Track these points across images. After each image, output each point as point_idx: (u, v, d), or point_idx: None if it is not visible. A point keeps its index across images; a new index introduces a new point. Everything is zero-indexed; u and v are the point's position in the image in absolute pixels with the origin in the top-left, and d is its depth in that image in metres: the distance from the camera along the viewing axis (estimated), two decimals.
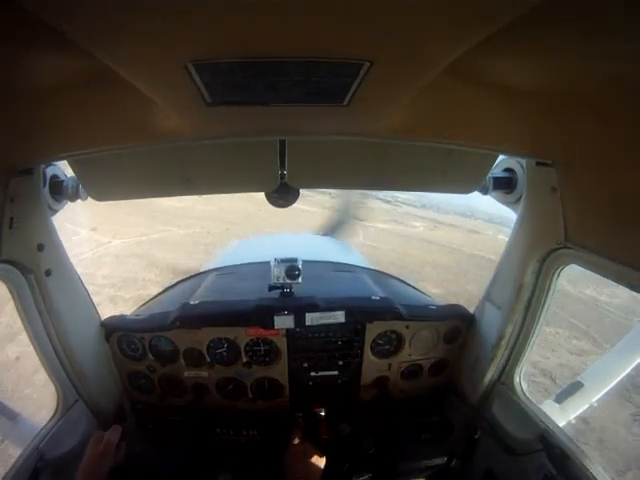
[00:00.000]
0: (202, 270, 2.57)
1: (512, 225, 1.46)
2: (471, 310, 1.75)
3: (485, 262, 7.92)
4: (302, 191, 1.48)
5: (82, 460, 1.23)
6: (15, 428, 1.55)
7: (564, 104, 0.86)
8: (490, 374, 1.58)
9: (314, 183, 1.62)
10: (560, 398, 1.71)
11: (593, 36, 0.58)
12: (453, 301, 1.95)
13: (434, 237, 11.01)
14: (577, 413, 1.70)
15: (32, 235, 1.22)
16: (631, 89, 0.72)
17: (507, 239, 1.51)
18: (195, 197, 12.42)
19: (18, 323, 1.29)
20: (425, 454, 1.74)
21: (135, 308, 2.16)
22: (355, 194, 14.40)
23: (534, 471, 1.33)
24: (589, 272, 1.13)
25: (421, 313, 1.71)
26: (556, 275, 1.33)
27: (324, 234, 9.74)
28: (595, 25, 0.54)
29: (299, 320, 1.60)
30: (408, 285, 2.45)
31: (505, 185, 1.46)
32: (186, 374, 1.69)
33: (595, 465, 1.20)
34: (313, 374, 1.74)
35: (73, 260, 1.47)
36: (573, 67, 0.70)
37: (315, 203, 14.37)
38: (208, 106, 0.75)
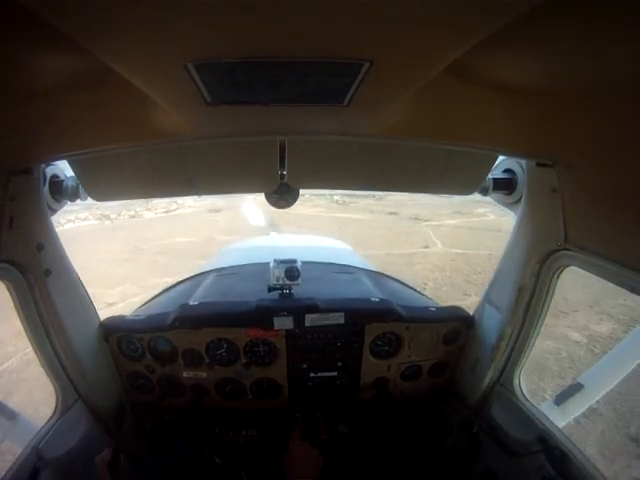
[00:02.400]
0: (202, 271, 2.57)
1: None
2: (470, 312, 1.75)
3: None
4: (346, 198, 1.47)
5: (83, 460, 1.24)
6: (14, 427, 1.54)
7: (564, 104, 0.86)
8: (489, 375, 1.58)
9: (314, 183, 1.63)
10: (559, 399, 1.70)
11: (593, 36, 0.58)
12: None
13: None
14: (576, 414, 1.70)
15: (32, 235, 1.22)
16: (631, 90, 0.72)
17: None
18: (216, 227, 11.70)
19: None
20: (425, 455, 1.74)
21: (135, 308, 2.16)
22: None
23: (533, 472, 1.33)
24: None
25: (420, 315, 1.71)
26: (556, 277, 1.33)
27: (387, 250, 8.57)
28: (595, 25, 0.55)
29: (298, 321, 1.60)
30: (408, 287, 2.44)
31: (505, 186, 1.45)
32: (185, 374, 1.69)
33: (594, 466, 1.20)
34: (312, 375, 1.74)
35: None
36: (573, 67, 0.70)
37: (361, 209, 13.36)
38: (208, 106, 0.75)
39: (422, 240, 9.84)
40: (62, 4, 0.43)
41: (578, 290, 6.01)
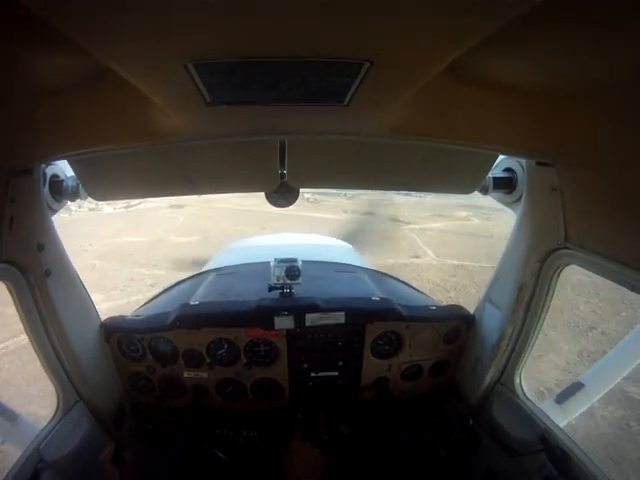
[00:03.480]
0: (202, 270, 2.56)
1: None
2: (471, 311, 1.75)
3: None
4: (317, 195, 1.46)
5: (85, 462, 1.26)
6: (15, 429, 1.54)
7: (564, 104, 0.86)
8: (490, 375, 1.58)
9: (314, 183, 1.63)
10: (560, 398, 1.70)
11: (593, 36, 0.58)
12: None
13: (505, 233, 8.14)
14: (577, 413, 1.70)
15: (32, 235, 1.22)
16: (631, 90, 0.72)
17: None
18: (172, 226, 10.46)
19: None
20: (425, 455, 1.74)
21: (136, 309, 2.16)
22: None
23: (535, 471, 1.33)
24: None
25: (421, 314, 1.71)
26: (556, 275, 1.33)
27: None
28: (595, 25, 0.54)
29: (299, 321, 1.60)
30: (408, 285, 2.44)
31: (505, 185, 1.46)
32: (186, 375, 1.69)
33: (595, 465, 1.20)
34: (313, 375, 1.74)
35: None
36: (573, 67, 0.70)
37: (333, 208, 11.95)
38: (208, 106, 0.75)
39: (409, 247, 8.44)
40: (62, 5, 0.43)
41: (612, 319, 5.66)
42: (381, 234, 9.48)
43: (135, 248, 8.86)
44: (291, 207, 1.48)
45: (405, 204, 11.63)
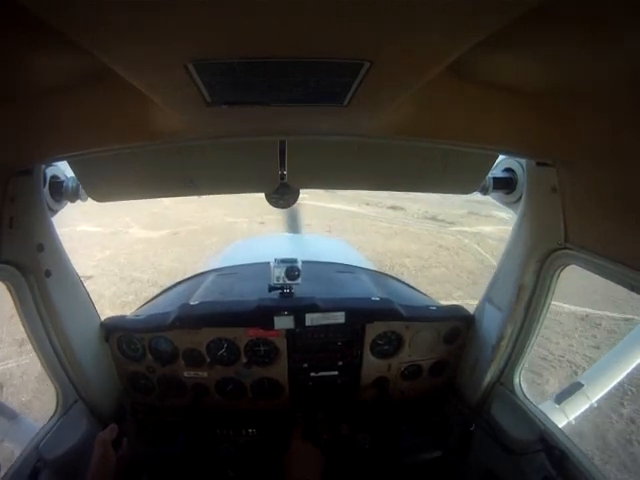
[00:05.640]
0: (202, 270, 2.57)
1: None
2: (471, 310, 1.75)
3: None
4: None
5: (83, 461, 1.25)
6: (15, 428, 1.55)
7: (564, 104, 0.86)
8: (490, 375, 1.58)
9: (314, 183, 1.63)
10: (560, 398, 1.71)
11: (594, 36, 0.58)
12: None
13: None
14: (577, 414, 1.70)
15: (32, 235, 1.22)
16: (632, 89, 0.72)
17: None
18: (141, 216, 8.59)
19: None
20: (424, 455, 1.74)
21: (136, 308, 2.16)
22: None
23: (533, 471, 1.33)
24: None
25: (421, 314, 1.71)
26: (556, 276, 1.33)
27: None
28: (596, 25, 0.54)
29: (299, 321, 1.60)
30: (408, 286, 2.44)
31: (505, 185, 1.46)
32: (186, 374, 1.69)
33: (594, 465, 1.20)
34: (313, 374, 1.74)
35: None
36: (574, 67, 0.70)
37: (353, 199, 10.28)
38: (208, 106, 0.75)
39: (480, 267, 5.68)
40: (62, 5, 0.43)
41: None
42: (430, 239, 7.35)
43: (74, 245, 6.82)
44: (304, 194, 1.41)
45: (428, 196, 9.47)
